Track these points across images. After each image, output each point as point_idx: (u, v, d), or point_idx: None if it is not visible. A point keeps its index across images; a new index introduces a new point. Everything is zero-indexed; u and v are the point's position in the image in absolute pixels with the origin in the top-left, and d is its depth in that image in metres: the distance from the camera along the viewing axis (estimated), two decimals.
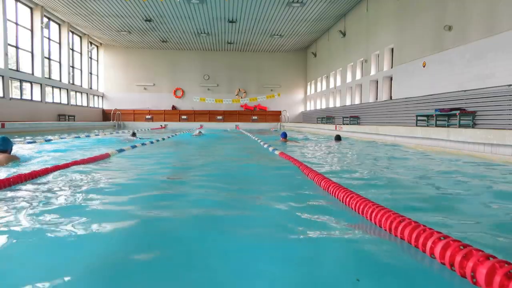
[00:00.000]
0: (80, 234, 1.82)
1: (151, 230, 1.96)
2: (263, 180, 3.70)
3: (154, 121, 25.20)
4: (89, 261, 1.48)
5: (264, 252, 1.62)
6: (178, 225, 2.08)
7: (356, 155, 6.62)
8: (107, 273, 1.38)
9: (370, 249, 1.68)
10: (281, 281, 1.35)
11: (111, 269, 1.41)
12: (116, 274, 1.38)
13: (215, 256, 1.57)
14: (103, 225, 1.98)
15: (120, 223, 2.04)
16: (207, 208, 2.42)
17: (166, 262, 1.49)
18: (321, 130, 15.72)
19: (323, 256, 1.60)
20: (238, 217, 2.26)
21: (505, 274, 1.07)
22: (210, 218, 2.18)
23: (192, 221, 2.14)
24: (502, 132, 5.55)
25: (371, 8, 14.76)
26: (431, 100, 10.18)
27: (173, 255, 1.59)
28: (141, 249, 1.65)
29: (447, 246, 1.31)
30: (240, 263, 1.49)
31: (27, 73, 16.31)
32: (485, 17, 8.18)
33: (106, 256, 1.55)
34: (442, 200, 2.87)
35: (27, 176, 3.07)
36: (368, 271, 1.43)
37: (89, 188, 2.95)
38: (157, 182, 3.51)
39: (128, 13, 17.69)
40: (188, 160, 5.56)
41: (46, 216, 2.10)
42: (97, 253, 1.59)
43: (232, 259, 1.54)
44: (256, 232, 1.90)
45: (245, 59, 26.69)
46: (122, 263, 1.47)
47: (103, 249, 1.64)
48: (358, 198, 2.17)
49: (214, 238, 1.81)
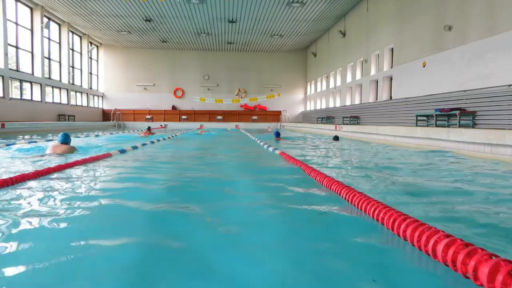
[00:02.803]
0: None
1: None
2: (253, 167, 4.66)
3: (154, 121, 25.20)
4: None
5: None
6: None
7: (341, 149, 7.08)
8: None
9: (376, 248, 1.69)
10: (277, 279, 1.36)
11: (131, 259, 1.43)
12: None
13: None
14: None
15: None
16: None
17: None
18: (321, 130, 15.73)
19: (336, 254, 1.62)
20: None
21: (508, 273, 1.08)
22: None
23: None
24: (502, 132, 5.57)
25: (371, 8, 14.78)
26: (431, 100, 10.20)
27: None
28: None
29: (451, 244, 1.32)
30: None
31: (27, 73, 16.31)
32: (485, 17, 8.20)
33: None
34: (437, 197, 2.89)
35: (31, 176, 3.08)
36: (374, 271, 1.44)
37: (99, 185, 2.97)
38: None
39: (128, 13, 17.69)
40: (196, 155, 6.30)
41: (50, 214, 2.11)
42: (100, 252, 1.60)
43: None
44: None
45: (245, 59, 26.71)
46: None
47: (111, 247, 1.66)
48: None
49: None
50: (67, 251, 1.59)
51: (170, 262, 1.49)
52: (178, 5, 16.28)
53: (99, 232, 1.91)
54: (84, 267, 1.45)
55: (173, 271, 1.41)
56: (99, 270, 1.41)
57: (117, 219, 2.14)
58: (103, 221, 2.12)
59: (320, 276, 1.40)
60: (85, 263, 1.48)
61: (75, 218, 2.10)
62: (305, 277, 1.38)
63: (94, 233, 1.88)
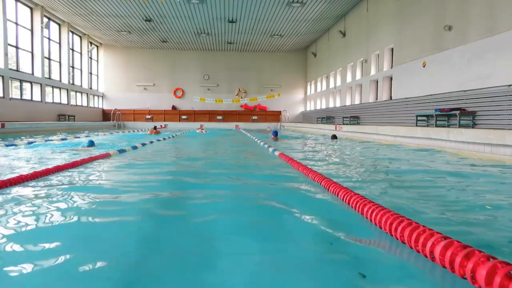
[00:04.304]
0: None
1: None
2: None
3: (154, 121, 25.20)
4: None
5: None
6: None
7: (337, 148, 7.15)
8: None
9: (370, 250, 1.69)
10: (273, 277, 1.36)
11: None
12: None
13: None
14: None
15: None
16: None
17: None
18: (321, 130, 15.73)
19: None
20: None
21: (506, 275, 1.08)
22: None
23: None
24: (502, 132, 5.56)
25: (371, 8, 14.77)
26: (431, 100, 10.19)
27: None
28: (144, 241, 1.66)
29: (448, 246, 1.32)
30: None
31: (27, 73, 16.32)
32: (485, 17, 8.19)
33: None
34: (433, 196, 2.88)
35: (29, 177, 3.08)
36: (370, 270, 1.43)
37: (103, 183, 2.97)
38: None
39: (128, 13, 17.69)
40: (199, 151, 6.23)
41: (50, 216, 2.11)
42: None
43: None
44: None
45: (245, 59, 26.71)
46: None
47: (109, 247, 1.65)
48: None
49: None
50: (65, 252, 1.59)
51: (170, 263, 1.49)
52: (178, 5, 16.28)
53: (99, 232, 1.90)
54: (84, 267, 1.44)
55: (173, 271, 1.40)
56: (96, 271, 1.41)
57: (117, 219, 2.14)
58: (104, 221, 2.11)
59: (319, 276, 1.39)
60: (84, 265, 1.48)
61: (85, 212, 2.09)
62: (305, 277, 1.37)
63: (94, 234, 1.87)
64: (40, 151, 6.06)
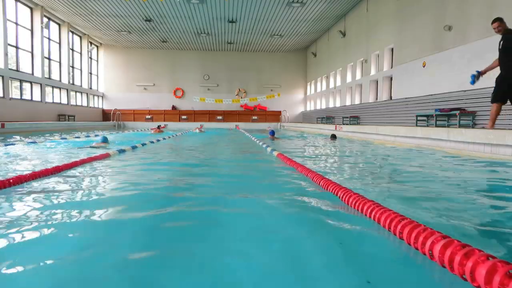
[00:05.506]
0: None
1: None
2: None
3: (154, 121, 25.21)
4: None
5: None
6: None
7: (333, 146, 7.29)
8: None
9: (370, 249, 1.69)
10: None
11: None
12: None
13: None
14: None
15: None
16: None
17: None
18: (321, 130, 15.72)
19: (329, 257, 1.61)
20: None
21: (505, 274, 1.07)
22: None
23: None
24: (502, 132, 5.56)
25: (371, 8, 14.77)
26: (431, 100, 10.19)
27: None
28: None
29: (448, 245, 1.32)
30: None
31: (27, 73, 16.33)
32: (485, 17, 8.19)
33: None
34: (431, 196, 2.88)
35: (28, 177, 3.08)
36: (370, 272, 1.43)
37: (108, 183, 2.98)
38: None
39: (128, 13, 17.70)
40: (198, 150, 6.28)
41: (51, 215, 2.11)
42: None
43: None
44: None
45: (245, 59, 26.72)
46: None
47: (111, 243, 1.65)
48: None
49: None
50: (65, 253, 1.59)
51: (170, 264, 1.49)
52: (178, 5, 16.29)
53: (101, 232, 1.90)
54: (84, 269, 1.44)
55: (173, 272, 1.40)
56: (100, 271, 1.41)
57: (117, 219, 2.14)
58: (103, 221, 2.11)
59: (320, 277, 1.39)
60: (85, 267, 1.48)
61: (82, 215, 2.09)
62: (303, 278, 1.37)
63: (96, 233, 1.87)
64: (56, 148, 6.48)
